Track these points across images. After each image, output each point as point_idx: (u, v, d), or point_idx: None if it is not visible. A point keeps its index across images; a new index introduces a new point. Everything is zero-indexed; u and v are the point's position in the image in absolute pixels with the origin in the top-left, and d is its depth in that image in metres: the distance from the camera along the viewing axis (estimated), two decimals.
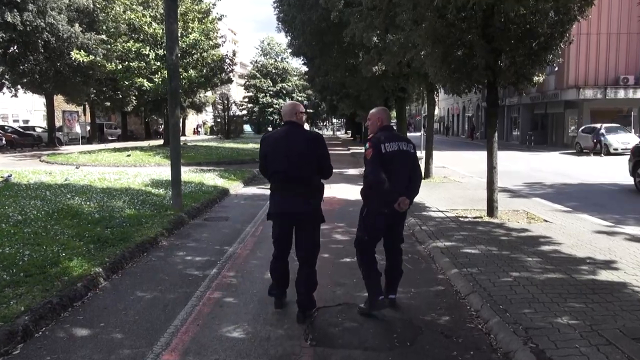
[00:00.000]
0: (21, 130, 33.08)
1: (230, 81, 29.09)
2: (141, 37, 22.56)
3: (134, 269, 5.52)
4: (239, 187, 12.59)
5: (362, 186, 4.25)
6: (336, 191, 11.13)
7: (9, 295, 4.16)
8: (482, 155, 11.69)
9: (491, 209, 7.97)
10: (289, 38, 23.22)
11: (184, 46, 22.09)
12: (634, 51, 29.14)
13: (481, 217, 7.99)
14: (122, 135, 42.02)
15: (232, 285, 4.97)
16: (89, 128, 36.59)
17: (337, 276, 5.17)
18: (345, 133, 63.25)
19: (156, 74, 22.16)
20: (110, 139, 40.13)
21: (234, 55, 26.64)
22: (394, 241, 4.34)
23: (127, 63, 22.30)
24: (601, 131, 23.04)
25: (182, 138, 28.83)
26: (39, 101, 41.62)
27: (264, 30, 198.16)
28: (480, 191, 10.19)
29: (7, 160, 21.45)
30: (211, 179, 12.93)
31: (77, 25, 25.63)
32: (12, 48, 24.93)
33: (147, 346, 3.62)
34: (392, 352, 3.53)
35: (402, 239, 4.40)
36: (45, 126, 33.57)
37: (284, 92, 61.87)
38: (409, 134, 26.03)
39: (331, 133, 71.29)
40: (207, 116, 68.32)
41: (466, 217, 8.07)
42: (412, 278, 5.14)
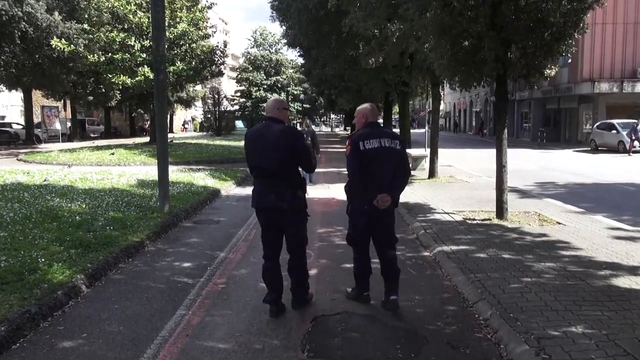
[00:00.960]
0: None
1: (221, 74, 29.08)
2: (125, 26, 22.53)
3: (118, 276, 5.50)
4: (230, 188, 12.59)
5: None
6: (335, 192, 11.14)
7: None
8: (491, 153, 11.71)
9: (500, 210, 7.98)
10: (283, 28, 23.26)
11: (171, 37, 22.05)
12: None
13: (490, 219, 8.01)
14: (105, 132, 41.89)
15: (224, 293, 4.96)
16: (69, 124, 36.44)
17: (336, 283, 5.16)
18: (345, 129, 63.24)
19: (141, 67, 22.11)
20: (93, 136, 39.90)
21: (225, 46, 26.57)
22: (384, 241, 4.46)
23: (110, 55, 22.26)
24: (639, 127, 22.80)
25: (170, 135, 28.72)
26: (16, 96, 41.37)
27: (255, 19, 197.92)
28: (489, 191, 10.20)
29: None
30: (201, 178, 12.93)
31: (57, 13, 25.52)
32: None
33: (132, 358, 3.61)
34: None
35: (393, 239, 4.53)
36: (23, 123, 33.39)
37: (279, 85, 61.84)
38: (412, 130, 26.03)
39: (329, 129, 71.28)
40: (197, 111, 68.25)
41: (474, 219, 8.08)
42: (417, 285, 5.14)
